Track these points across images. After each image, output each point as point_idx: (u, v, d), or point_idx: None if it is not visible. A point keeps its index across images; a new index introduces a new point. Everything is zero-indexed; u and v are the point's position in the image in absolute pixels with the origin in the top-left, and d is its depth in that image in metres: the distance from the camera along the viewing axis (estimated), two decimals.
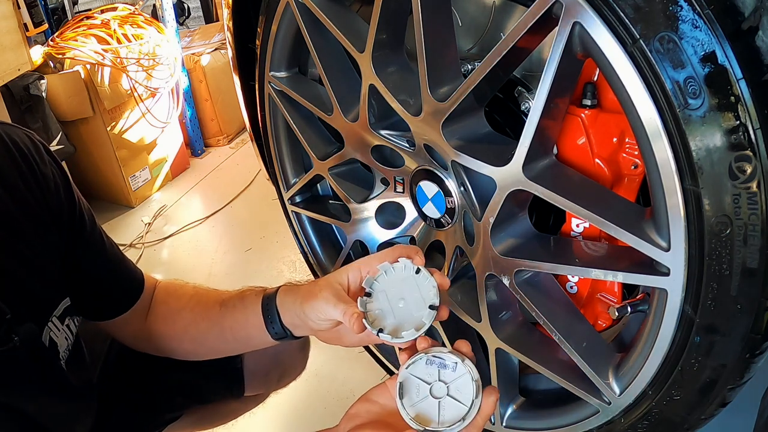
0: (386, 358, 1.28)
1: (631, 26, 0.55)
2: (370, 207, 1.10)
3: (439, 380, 0.61)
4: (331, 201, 1.29)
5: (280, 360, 1.08)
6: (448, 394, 0.61)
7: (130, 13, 2.59)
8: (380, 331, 0.65)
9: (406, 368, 0.62)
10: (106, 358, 1.01)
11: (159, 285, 0.94)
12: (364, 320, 0.66)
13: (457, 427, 0.59)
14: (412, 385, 0.62)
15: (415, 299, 0.67)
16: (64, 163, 2.32)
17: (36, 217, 0.73)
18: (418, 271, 0.68)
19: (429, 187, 0.92)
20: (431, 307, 0.66)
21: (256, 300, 0.82)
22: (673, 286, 0.64)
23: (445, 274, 0.98)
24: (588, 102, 0.77)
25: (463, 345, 0.64)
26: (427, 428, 0.59)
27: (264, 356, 1.05)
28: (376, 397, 0.65)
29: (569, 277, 0.90)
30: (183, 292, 0.93)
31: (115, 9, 2.58)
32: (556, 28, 0.61)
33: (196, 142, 3.02)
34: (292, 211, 1.33)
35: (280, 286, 0.83)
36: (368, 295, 0.68)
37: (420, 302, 0.67)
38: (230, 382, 1.04)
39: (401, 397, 0.61)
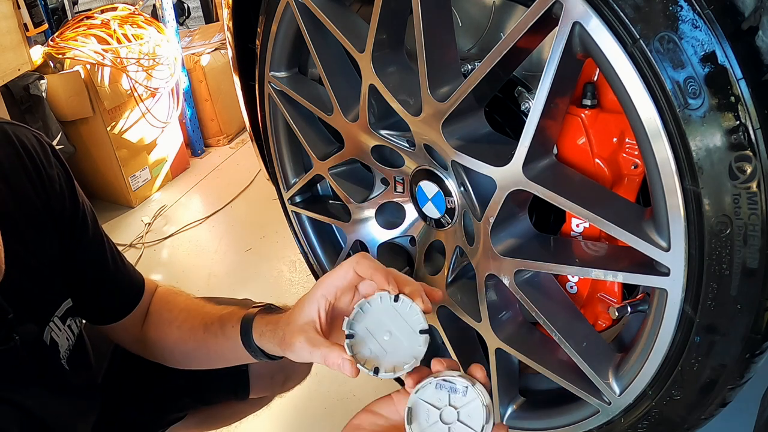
0: None
1: (631, 26, 0.55)
2: (371, 207, 1.10)
3: (449, 405, 0.59)
4: (331, 201, 1.29)
5: (285, 364, 1.07)
6: (458, 420, 0.58)
7: (130, 13, 2.59)
8: (376, 371, 0.62)
9: (416, 392, 0.59)
10: (112, 357, 1.01)
11: (157, 292, 0.94)
12: (357, 365, 0.62)
13: None
14: (422, 410, 0.59)
15: (402, 329, 0.63)
16: None
17: (38, 218, 0.73)
18: (396, 299, 0.63)
19: (429, 187, 0.92)
20: (422, 331, 0.62)
21: (235, 335, 0.80)
22: (673, 286, 0.64)
23: (445, 274, 0.98)
24: (588, 102, 0.77)
25: (478, 370, 0.61)
26: None
27: None
28: (381, 410, 0.63)
29: (569, 277, 0.90)
30: (175, 303, 0.92)
31: (115, 9, 2.58)
32: (556, 28, 0.61)
33: (196, 142, 3.02)
34: (292, 211, 1.33)
35: (254, 316, 0.80)
36: (350, 336, 0.63)
37: (408, 331, 0.63)
38: (235, 384, 1.04)
39: (410, 422, 0.59)
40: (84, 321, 0.86)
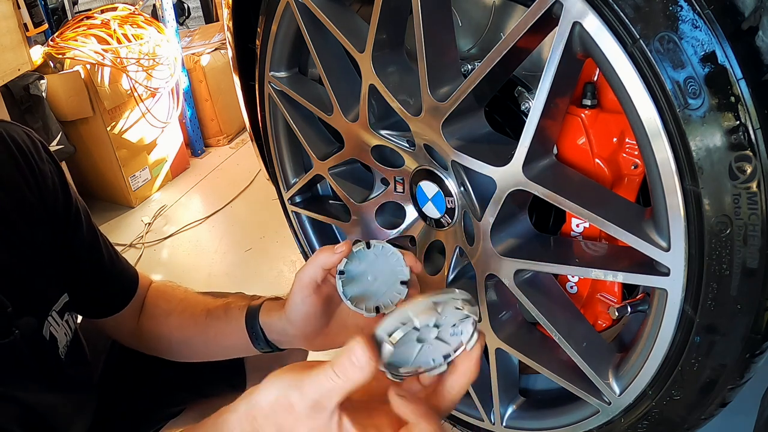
0: None
1: (631, 26, 0.55)
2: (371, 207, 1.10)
3: (434, 326, 0.54)
4: (331, 201, 1.29)
5: (281, 355, 1.08)
6: (436, 337, 0.54)
7: (130, 13, 2.59)
8: (358, 305, 0.66)
9: (408, 309, 0.53)
10: (109, 353, 1.02)
11: (152, 285, 0.95)
12: (343, 298, 0.66)
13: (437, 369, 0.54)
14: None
15: (387, 276, 0.68)
16: (63, 163, 2.33)
17: (33, 213, 0.73)
18: (390, 252, 0.68)
19: (429, 187, 0.92)
20: (402, 282, 0.67)
21: (239, 315, 0.82)
22: (673, 286, 0.64)
23: (445, 273, 0.98)
24: (588, 102, 0.77)
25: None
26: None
27: None
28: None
29: (569, 277, 0.90)
30: (173, 295, 0.93)
31: (115, 9, 2.59)
32: (556, 28, 0.61)
33: (196, 142, 3.02)
34: (292, 211, 1.33)
35: (263, 302, 0.82)
36: (341, 273, 0.67)
37: (392, 279, 0.68)
38: (232, 376, 1.05)
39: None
40: (79, 318, 0.87)
